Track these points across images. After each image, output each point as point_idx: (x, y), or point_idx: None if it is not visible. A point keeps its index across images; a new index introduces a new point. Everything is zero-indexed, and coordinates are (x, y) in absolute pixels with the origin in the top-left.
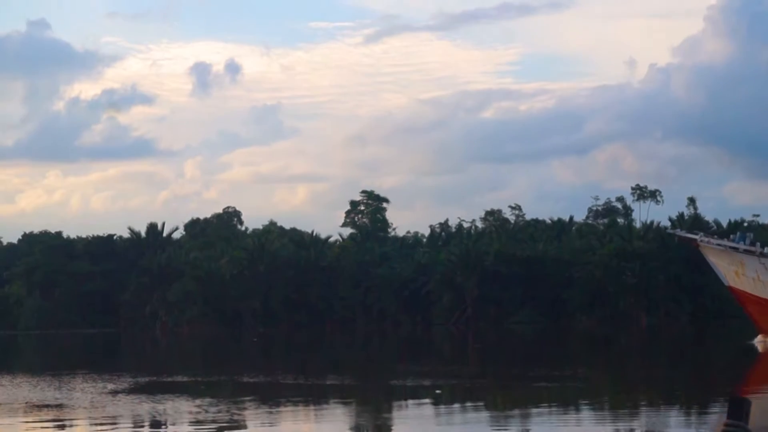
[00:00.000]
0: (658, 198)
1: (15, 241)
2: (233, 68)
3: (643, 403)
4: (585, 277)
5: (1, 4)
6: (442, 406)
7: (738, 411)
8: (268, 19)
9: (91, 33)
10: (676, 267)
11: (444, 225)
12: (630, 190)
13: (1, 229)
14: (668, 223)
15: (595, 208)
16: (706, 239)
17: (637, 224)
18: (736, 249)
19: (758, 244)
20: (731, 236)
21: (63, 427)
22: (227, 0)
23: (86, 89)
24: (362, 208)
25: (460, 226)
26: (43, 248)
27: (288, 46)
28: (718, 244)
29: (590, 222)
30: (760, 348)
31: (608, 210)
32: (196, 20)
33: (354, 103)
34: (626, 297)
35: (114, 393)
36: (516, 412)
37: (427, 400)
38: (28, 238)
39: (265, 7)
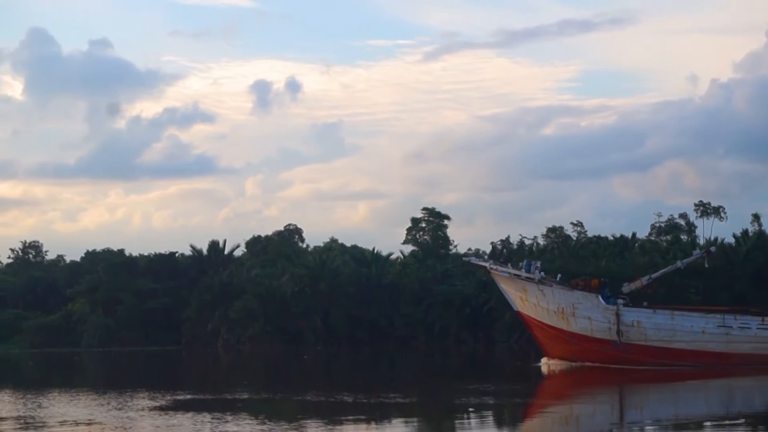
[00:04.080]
0: (722, 214)
1: (78, 259)
2: (293, 86)
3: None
4: (646, 294)
5: (63, 25)
6: (505, 426)
7: None
8: (328, 37)
9: (152, 52)
10: (741, 285)
11: (505, 242)
12: (693, 207)
13: (64, 247)
14: (732, 240)
15: (657, 225)
16: (495, 266)
17: (701, 241)
18: (518, 276)
19: (537, 271)
20: (520, 264)
21: None
22: (287, 18)
23: (147, 107)
24: (423, 225)
25: (521, 243)
26: (106, 266)
27: (348, 63)
28: (504, 271)
29: (653, 239)
30: (544, 370)
31: (671, 227)
32: (256, 39)
33: (414, 120)
34: None
35: (175, 410)
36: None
37: (489, 419)
38: (91, 256)
39: (324, 26)
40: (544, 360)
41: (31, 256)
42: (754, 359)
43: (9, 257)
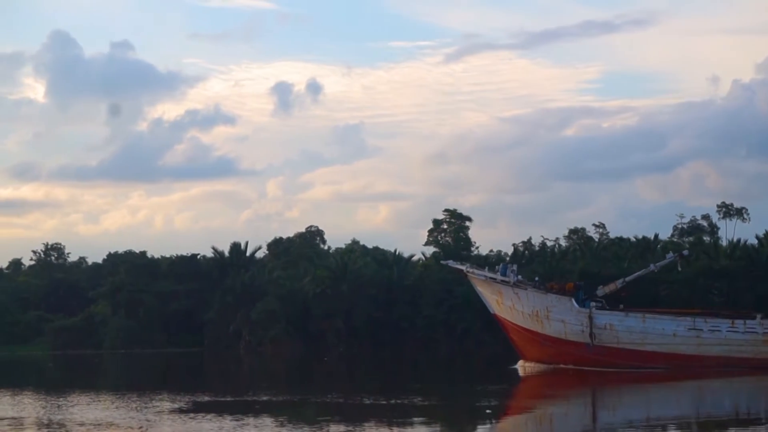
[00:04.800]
0: (745, 216)
1: (100, 260)
2: (314, 88)
3: None
4: (671, 296)
5: (85, 27)
6: (529, 427)
7: None
8: (349, 39)
9: (173, 54)
10: (764, 286)
11: (527, 243)
12: (716, 208)
13: (86, 249)
14: (755, 241)
15: (680, 226)
16: (471, 270)
17: (724, 242)
18: (494, 279)
19: (513, 274)
20: (496, 267)
21: None
22: (308, 20)
23: (169, 110)
24: (445, 226)
25: (543, 245)
26: (128, 268)
27: (369, 65)
28: (480, 274)
29: (676, 240)
30: (521, 372)
31: (693, 228)
32: (277, 41)
33: (435, 122)
34: None
35: (194, 412)
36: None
37: (512, 420)
38: (113, 258)
39: (345, 27)
40: (520, 362)
41: (53, 258)
42: (724, 362)
43: (31, 259)
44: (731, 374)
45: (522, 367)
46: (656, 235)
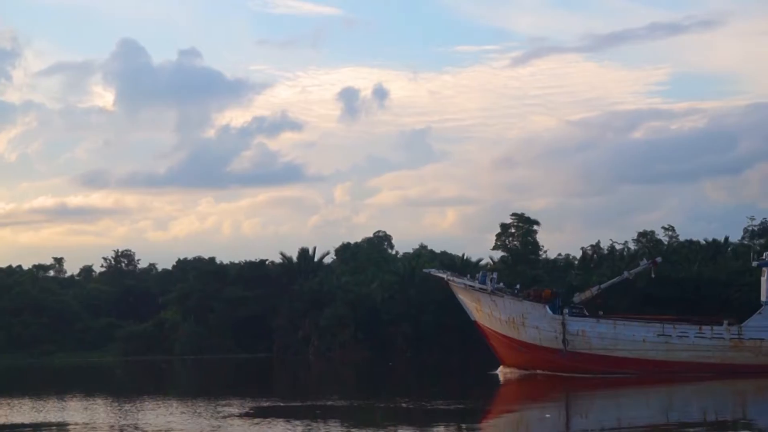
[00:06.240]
0: None
1: (169, 267)
2: (381, 93)
3: None
4: (742, 299)
5: (153, 35)
6: None
7: None
8: (415, 43)
9: (240, 61)
10: None
11: (596, 247)
12: None
13: (155, 255)
14: None
15: (750, 229)
16: (451, 278)
17: None
18: (473, 287)
19: (491, 282)
20: (477, 275)
21: None
22: (374, 26)
23: (236, 116)
24: (513, 230)
25: (612, 248)
26: (197, 274)
27: (435, 70)
28: (460, 282)
29: (746, 243)
30: (501, 378)
31: (764, 230)
32: (344, 46)
33: (502, 126)
34: None
35: (260, 417)
36: None
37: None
38: (182, 264)
39: (411, 32)
40: (500, 368)
41: (123, 264)
42: (693, 367)
43: (102, 266)
44: (699, 379)
45: (502, 372)
46: (726, 238)
